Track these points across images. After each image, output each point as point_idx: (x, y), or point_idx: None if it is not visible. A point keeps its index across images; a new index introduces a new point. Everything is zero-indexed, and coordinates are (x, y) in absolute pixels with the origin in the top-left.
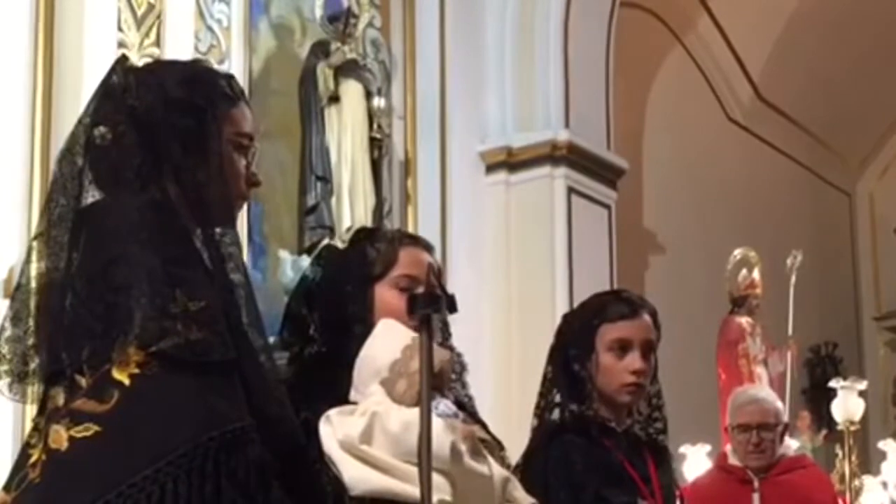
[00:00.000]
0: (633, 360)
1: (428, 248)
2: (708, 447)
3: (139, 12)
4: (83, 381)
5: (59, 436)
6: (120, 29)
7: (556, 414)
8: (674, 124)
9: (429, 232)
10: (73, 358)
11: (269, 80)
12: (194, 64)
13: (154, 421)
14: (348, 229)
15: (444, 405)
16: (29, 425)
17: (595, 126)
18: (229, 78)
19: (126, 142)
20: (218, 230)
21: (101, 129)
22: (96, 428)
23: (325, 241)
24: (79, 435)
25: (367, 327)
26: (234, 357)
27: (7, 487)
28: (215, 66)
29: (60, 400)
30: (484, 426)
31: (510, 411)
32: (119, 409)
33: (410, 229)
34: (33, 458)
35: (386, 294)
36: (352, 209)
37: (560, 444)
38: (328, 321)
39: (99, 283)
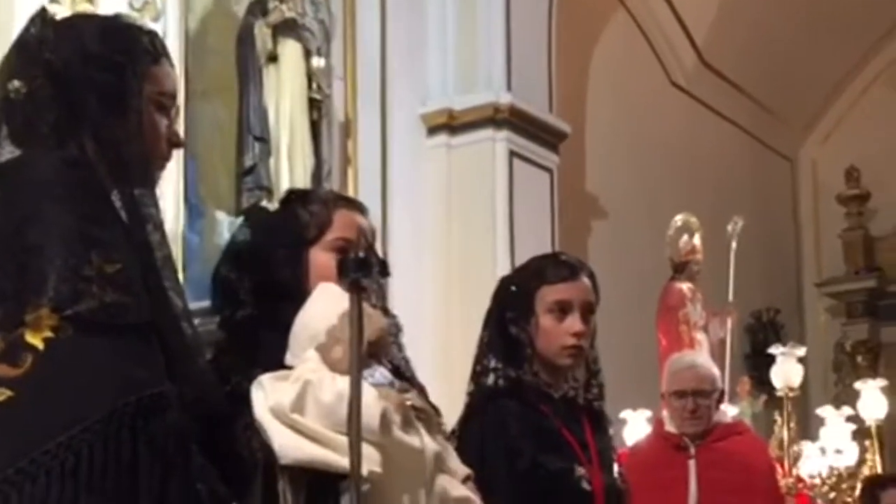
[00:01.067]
0: (574, 322)
1: (362, 210)
2: (648, 412)
3: None
4: None
5: None
6: None
7: (491, 379)
8: (616, 88)
9: (369, 194)
10: None
11: (206, 39)
12: (115, 18)
13: (68, 386)
14: (286, 191)
15: (379, 373)
16: None
17: (537, 89)
18: (152, 34)
19: (41, 95)
20: (137, 190)
21: (16, 82)
22: (9, 393)
23: (263, 203)
24: None
25: (302, 291)
26: (150, 320)
27: None
28: (137, 22)
29: None
30: (422, 391)
31: (451, 374)
32: (32, 374)
33: (350, 192)
34: None
35: (321, 257)
36: (290, 170)
37: (496, 409)
38: (260, 285)
39: (11, 242)
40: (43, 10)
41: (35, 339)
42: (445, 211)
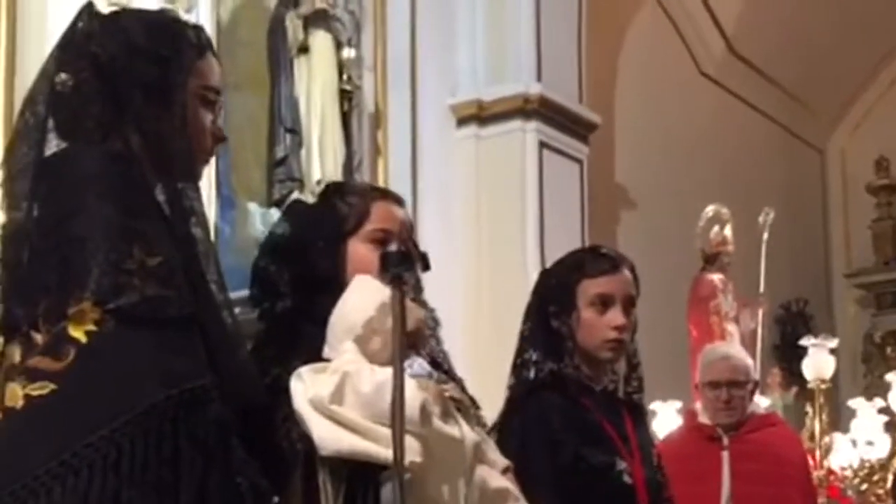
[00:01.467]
0: (615, 315)
1: (399, 202)
2: (678, 404)
3: None
4: (39, 338)
5: (15, 394)
6: None
7: (532, 372)
8: (646, 78)
9: (399, 185)
10: (29, 313)
11: (238, 31)
12: (161, 13)
13: (111, 380)
14: (318, 182)
15: (417, 365)
16: None
17: (567, 79)
18: (198, 29)
19: (87, 89)
20: (180, 184)
21: (63, 75)
22: (52, 386)
23: (295, 195)
24: (34, 393)
25: (340, 283)
26: (191, 312)
27: None
28: (183, 16)
29: (17, 357)
30: (460, 384)
31: (481, 366)
32: (75, 368)
33: (381, 183)
34: None
35: (359, 249)
36: (321, 162)
37: (537, 402)
38: (299, 277)
39: (54, 235)
40: (90, 5)
41: (78, 333)
42: (475, 202)
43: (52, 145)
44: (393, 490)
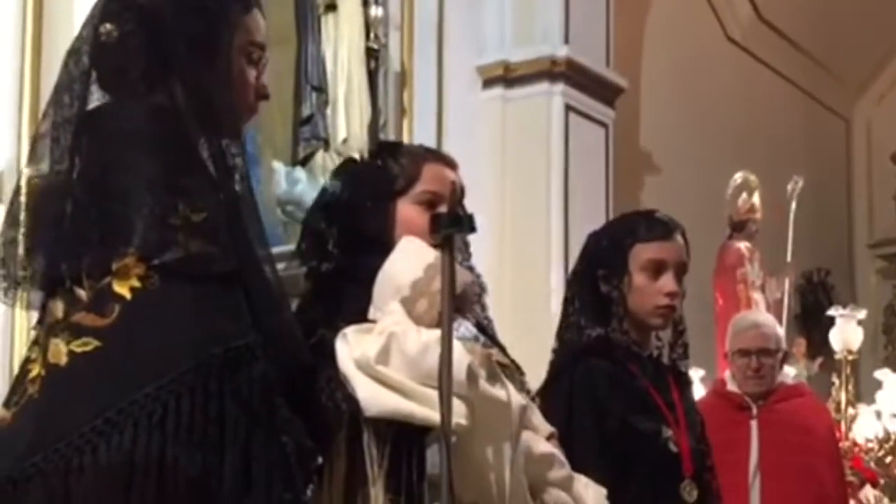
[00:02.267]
0: (668, 281)
1: (451, 164)
2: (702, 372)
3: None
4: (83, 294)
5: (59, 350)
6: None
7: (579, 337)
8: (673, 43)
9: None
10: (73, 268)
11: None
12: None
13: (156, 337)
14: (343, 141)
15: (464, 328)
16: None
17: (595, 43)
18: None
19: (133, 41)
20: (224, 140)
21: (108, 25)
22: (96, 343)
23: (319, 154)
24: (78, 349)
25: (388, 244)
26: (235, 269)
27: (7, 403)
28: None
29: (59, 312)
30: (503, 350)
31: (504, 325)
32: (120, 324)
33: (406, 142)
34: (33, 373)
35: (408, 210)
36: (347, 121)
37: (585, 368)
38: (347, 236)
39: (98, 189)
40: None
41: (122, 289)
42: (500, 164)
43: (95, 98)
44: (439, 452)
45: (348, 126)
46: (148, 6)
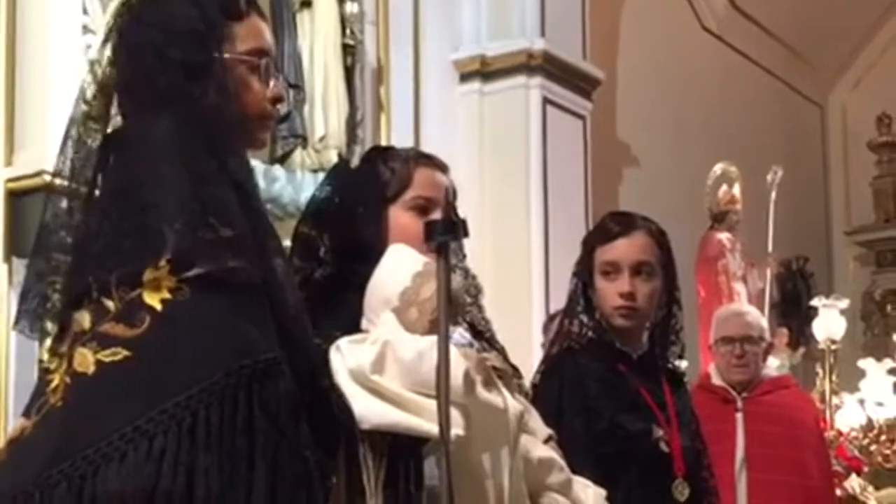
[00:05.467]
0: (622, 283)
1: (443, 168)
2: (684, 364)
3: None
4: (111, 305)
5: (86, 359)
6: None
7: (569, 334)
8: (648, 34)
9: (401, 141)
10: (100, 280)
11: None
12: None
13: (186, 347)
14: (321, 138)
15: (457, 334)
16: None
17: (571, 35)
18: None
19: (144, 66)
20: (236, 156)
21: (109, 56)
22: (125, 352)
23: (297, 151)
24: (107, 359)
25: (381, 250)
26: (260, 281)
27: (27, 413)
28: None
29: (86, 323)
30: (502, 352)
31: None
32: (150, 334)
33: (383, 138)
34: (54, 383)
35: (400, 216)
36: (325, 117)
37: (574, 368)
38: (339, 243)
39: (127, 202)
40: None
41: (153, 300)
42: (479, 158)
43: (116, 118)
44: (437, 463)
45: (326, 123)
46: (150, 29)
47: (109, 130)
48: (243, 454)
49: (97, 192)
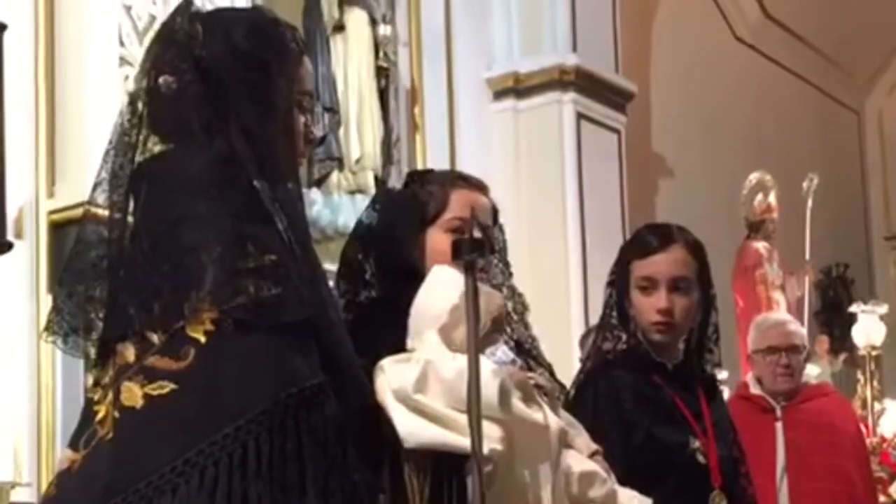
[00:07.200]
0: (659, 298)
1: (481, 188)
2: (725, 374)
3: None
4: (155, 338)
5: (133, 393)
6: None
7: (606, 347)
8: (681, 45)
9: (437, 161)
10: (143, 313)
11: (273, 11)
12: (261, 13)
13: (232, 378)
14: (357, 160)
15: (501, 352)
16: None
17: (603, 49)
18: (294, 31)
19: (192, 92)
20: (289, 185)
21: (167, 77)
22: (172, 386)
23: (335, 174)
24: (154, 392)
25: (421, 272)
26: (302, 306)
27: (74, 445)
28: (278, 17)
29: (131, 356)
30: (548, 369)
31: None
32: (196, 367)
33: (419, 158)
34: (101, 415)
35: (438, 238)
36: (360, 140)
37: (609, 381)
38: (383, 266)
39: (167, 241)
40: (188, 3)
41: (196, 333)
42: (514, 175)
43: (154, 147)
44: (471, 478)
45: (361, 145)
46: (206, 57)
47: (141, 158)
48: (294, 482)
49: (130, 219)
